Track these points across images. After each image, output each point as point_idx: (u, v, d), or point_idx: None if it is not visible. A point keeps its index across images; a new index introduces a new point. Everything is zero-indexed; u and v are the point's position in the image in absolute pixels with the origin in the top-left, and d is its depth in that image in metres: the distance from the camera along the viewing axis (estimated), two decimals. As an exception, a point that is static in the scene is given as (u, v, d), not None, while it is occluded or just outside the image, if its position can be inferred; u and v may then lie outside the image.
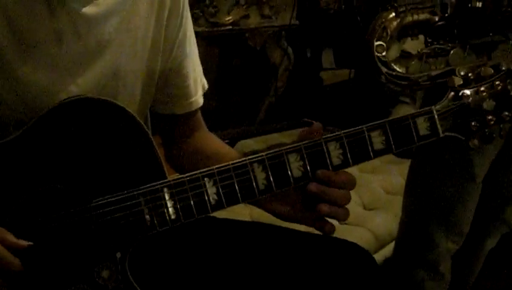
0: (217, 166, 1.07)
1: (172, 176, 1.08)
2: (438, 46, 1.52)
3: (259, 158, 1.08)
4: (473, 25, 1.51)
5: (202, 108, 1.36)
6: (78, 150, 1.06)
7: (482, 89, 1.12)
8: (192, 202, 1.06)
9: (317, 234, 1.21)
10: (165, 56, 1.24)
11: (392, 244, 2.08)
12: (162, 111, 1.33)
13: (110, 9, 1.12)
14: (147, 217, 1.06)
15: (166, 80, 1.28)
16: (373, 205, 2.45)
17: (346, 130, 1.09)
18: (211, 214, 1.10)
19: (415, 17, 1.51)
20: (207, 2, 3.05)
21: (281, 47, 3.55)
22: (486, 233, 2.00)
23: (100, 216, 1.06)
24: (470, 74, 1.12)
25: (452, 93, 1.12)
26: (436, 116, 1.10)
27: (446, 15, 1.52)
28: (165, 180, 1.07)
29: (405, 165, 1.95)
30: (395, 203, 2.23)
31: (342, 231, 2.17)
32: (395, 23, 1.51)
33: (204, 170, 1.07)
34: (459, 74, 1.13)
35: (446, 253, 1.88)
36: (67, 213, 1.06)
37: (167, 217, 1.07)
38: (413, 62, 1.53)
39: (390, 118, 1.09)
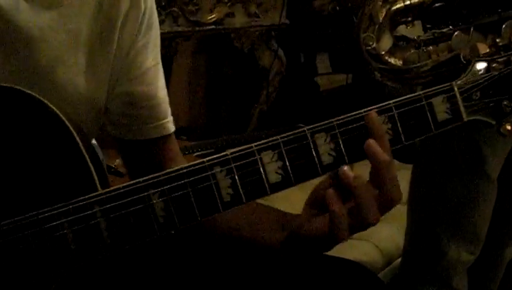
0: (165, 171, 0.86)
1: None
2: (437, 31, 1.40)
3: (222, 159, 0.85)
4: (478, 2, 1.38)
5: (193, 119, 1.17)
6: None
7: None
8: (132, 222, 0.85)
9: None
10: (116, 65, 1.10)
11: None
12: (123, 136, 1.16)
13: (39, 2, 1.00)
14: (72, 245, 0.85)
15: (124, 98, 1.13)
16: (377, 216, 2.27)
17: (340, 117, 0.87)
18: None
19: (407, 1, 1.40)
20: (186, -1, 2.90)
21: (271, 49, 3.45)
22: (504, 241, 1.90)
23: (9, 244, 0.84)
24: (498, 40, 0.90)
25: (476, 65, 0.92)
26: (458, 95, 0.89)
27: None
28: (96, 194, 0.86)
29: (410, 170, 1.85)
30: (402, 213, 2.08)
31: (344, 248, 2.02)
32: (384, 10, 1.41)
33: (148, 177, 0.85)
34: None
35: (460, 265, 1.79)
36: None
37: (99, 243, 0.85)
38: (410, 52, 1.41)
39: (398, 99, 0.88)
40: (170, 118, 1.18)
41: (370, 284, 1.13)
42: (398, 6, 1.40)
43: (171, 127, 1.18)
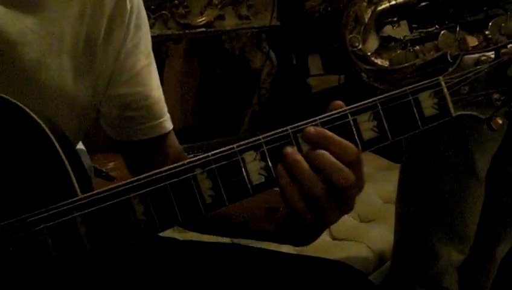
0: (146, 175, 0.83)
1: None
2: (423, 30, 1.38)
3: (203, 161, 0.82)
4: (464, 1, 1.37)
5: (185, 122, 1.16)
6: None
7: (504, 50, 0.89)
8: (113, 227, 0.82)
9: (304, 255, 1.13)
10: (105, 68, 1.08)
11: (394, 261, 1.96)
12: (122, 138, 1.16)
13: (18, 5, 0.99)
14: (52, 251, 0.83)
15: (118, 100, 1.12)
16: (369, 216, 2.31)
17: (324, 115, 0.86)
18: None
19: (392, 1, 1.38)
20: (176, 1, 2.86)
21: (262, 50, 3.43)
22: (495, 239, 1.87)
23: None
24: (487, 32, 0.88)
25: (464, 58, 0.90)
26: (445, 90, 0.87)
27: None
28: (76, 199, 0.83)
29: (398, 169, 1.82)
30: (393, 212, 2.04)
31: (335, 248, 2.05)
32: (369, 11, 1.38)
33: (129, 181, 0.83)
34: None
35: (450, 265, 1.76)
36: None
37: (80, 249, 0.83)
38: (397, 52, 1.39)
39: (383, 95, 0.85)
40: (167, 116, 1.18)
41: (359, 284, 1.11)
42: (383, 6, 1.38)
43: (169, 125, 1.17)
